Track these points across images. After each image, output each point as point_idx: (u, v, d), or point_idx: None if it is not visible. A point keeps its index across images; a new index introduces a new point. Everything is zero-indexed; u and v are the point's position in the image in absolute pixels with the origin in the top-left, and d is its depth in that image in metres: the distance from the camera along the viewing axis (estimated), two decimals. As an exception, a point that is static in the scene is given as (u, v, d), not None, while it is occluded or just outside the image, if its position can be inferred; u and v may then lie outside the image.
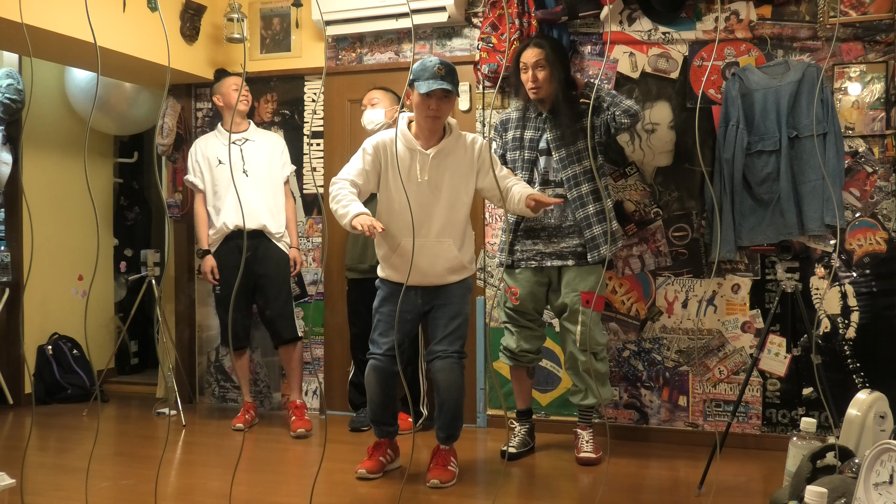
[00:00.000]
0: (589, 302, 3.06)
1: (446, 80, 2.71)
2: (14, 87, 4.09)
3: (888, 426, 2.27)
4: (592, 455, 3.14)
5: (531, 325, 3.24)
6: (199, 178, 3.83)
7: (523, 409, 3.38)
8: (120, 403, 4.46)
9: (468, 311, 2.97)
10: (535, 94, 3.08)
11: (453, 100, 2.81)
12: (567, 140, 3.08)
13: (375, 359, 2.91)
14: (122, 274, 5.08)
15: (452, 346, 2.87)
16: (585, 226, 3.06)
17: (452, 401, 2.89)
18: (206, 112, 4.34)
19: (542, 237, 3.13)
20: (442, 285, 2.91)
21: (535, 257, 3.14)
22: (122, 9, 3.49)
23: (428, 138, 2.83)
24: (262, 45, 4.17)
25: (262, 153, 3.78)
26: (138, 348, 5.22)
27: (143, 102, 4.59)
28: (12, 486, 2.62)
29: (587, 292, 3.06)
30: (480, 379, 3.78)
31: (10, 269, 4.24)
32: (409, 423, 3.54)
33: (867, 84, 3.21)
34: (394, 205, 2.85)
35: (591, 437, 3.20)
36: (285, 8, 4.11)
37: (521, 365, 3.28)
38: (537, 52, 3.05)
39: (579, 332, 3.07)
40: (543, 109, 3.14)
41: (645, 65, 3.50)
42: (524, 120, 3.19)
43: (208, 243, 3.82)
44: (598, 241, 3.05)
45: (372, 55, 3.98)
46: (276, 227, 3.76)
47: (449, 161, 2.84)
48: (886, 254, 3.22)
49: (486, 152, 2.87)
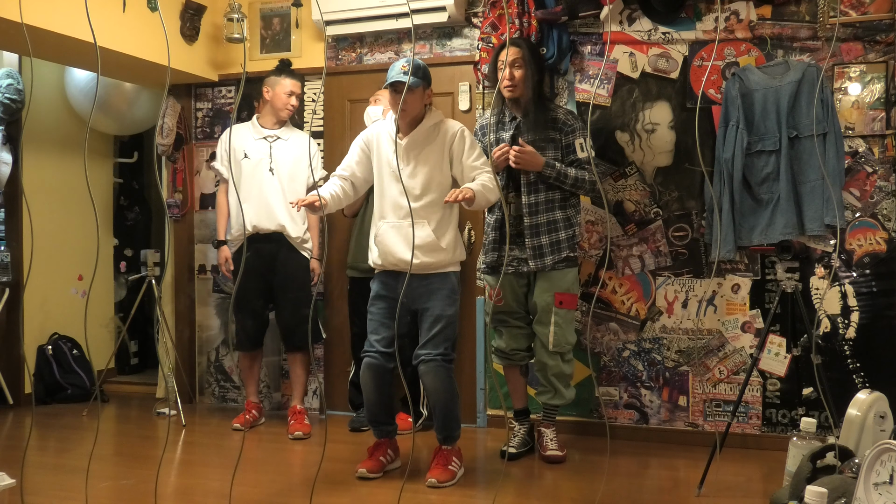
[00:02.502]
0: (562, 303, 3.13)
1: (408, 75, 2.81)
2: (14, 87, 4.09)
3: (888, 426, 2.27)
4: (558, 453, 3.19)
5: (518, 324, 3.26)
6: (226, 167, 3.77)
7: (520, 408, 3.39)
8: (120, 403, 4.46)
9: (453, 313, 2.94)
10: (510, 92, 3.11)
11: (416, 93, 2.88)
12: (536, 146, 3.10)
13: (369, 356, 2.92)
14: (122, 274, 5.08)
15: (437, 349, 2.87)
16: (535, 234, 3.11)
17: (442, 403, 2.90)
18: (206, 112, 4.34)
19: (517, 242, 3.18)
20: (424, 276, 2.90)
21: (511, 262, 3.20)
22: (122, 9, 3.49)
23: (405, 130, 2.94)
24: (262, 45, 4.17)
25: (290, 153, 3.71)
26: (138, 348, 5.22)
27: (143, 102, 4.59)
28: (12, 486, 2.62)
29: (560, 293, 3.12)
30: (480, 379, 3.78)
31: (10, 269, 4.24)
32: (409, 423, 3.54)
33: (867, 84, 3.21)
34: (377, 189, 3.01)
35: (554, 434, 3.25)
36: (285, 8, 4.11)
37: (514, 363, 3.31)
38: (515, 51, 3.10)
39: (552, 334, 3.12)
40: (517, 112, 3.18)
41: (645, 65, 3.50)
42: (500, 123, 3.24)
43: (227, 237, 3.76)
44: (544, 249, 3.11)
45: (372, 55, 3.98)
46: (296, 231, 3.69)
47: (423, 149, 2.93)
48: (886, 254, 3.22)
49: (457, 141, 2.92)
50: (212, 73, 4.21)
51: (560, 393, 3.21)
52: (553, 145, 3.14)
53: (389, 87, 2.89)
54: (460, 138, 2.92)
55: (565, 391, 3.22)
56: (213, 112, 4.32)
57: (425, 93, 2.93)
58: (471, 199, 2.71)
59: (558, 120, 3.15)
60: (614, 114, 3.55)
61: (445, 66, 3.81)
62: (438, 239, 2.90)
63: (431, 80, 2.97)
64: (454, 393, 2.92)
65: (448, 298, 2.92)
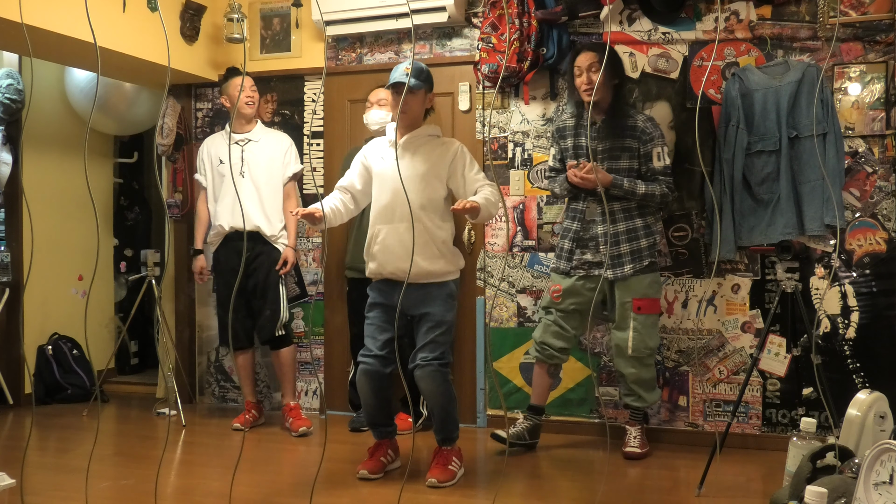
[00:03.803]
0: (641, 308, 3.13)
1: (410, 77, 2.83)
2: (14, 87, 4.09)
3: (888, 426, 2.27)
4: (638, 450, 3.21)
5: (563, 323, 3.25)
6: (203, 176, 3.86)
7: (533, 404, 3.39)
8: (120, 403, 4.46)
9: (451, 319, 2.94)
10: (588, 95, 3.12)
11: (418, 94, 2.89)
12: (613, 154, 3.16)
13: (364, 362, 2.92)
14: (122, 274, 5.08)
15: (433, 354, 2.87)
16: (614, 242, 3.16)
17: (439, 406, 2.91)
18: (206, 112, 4.34)
19: (591, 247, 3.21)
20: (422, 285, 2.89)
21: (582, 266, 3.22)
22: (122, 9, 3.49)
23: (402, 132, 2.95)
24: (262, 45, 4.17)
25: (263, 154, 3.77)
26: (138, 348, 5.22)
27: (143, 102, 4.59)
28: (12, 486, 2.62)
29: (638, 298, 3.14)
30: (480, 379, 3.78)
31: (10, 269, 4.25)
32: (409, 423, 3.54)
33: (867, 84, 3.21)
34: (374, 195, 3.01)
35: (638, 433, 3.26)
36: (285, 8, 4.11)
37: (542, 359, 3.30)
38: (591, 56, 3.12)
39: (631, 339, 3.13)
40: (597, 118, 3.20)
41: (645, 65, 3.50)
42: (578, 127, 3.26)
43: (203, 242, 3.86)
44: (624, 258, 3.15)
45: (372, 55, 3.98)
46: (272, 230, 3.75)
47: (418, 153, 2.93)
48: (886, 254, 3.22)
49: (458, 157, 2.92)
50: (212, 74, 4.21)
51: (642, 398, 3.22)
52: (628, 154, 3.15)
53: (391, 88, 2.90)
54: (461, 154, 2.93)
55: (647, 395, 3.23)
56: (213, 112, 4.32)
57: (427, 96, 2.94)
58: (476, 211, 2.72)
59: (637, 128, 3.15)
60: (614, 114, 3.54)
61: (445, 66, 3.81)
62: (436, 245, 2.89)
63: (433, 86, 2.98)
64: (451, 396, 2.92)
65: (446, 304, 2.92)
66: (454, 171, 2.91)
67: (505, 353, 3.70)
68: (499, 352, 3.72)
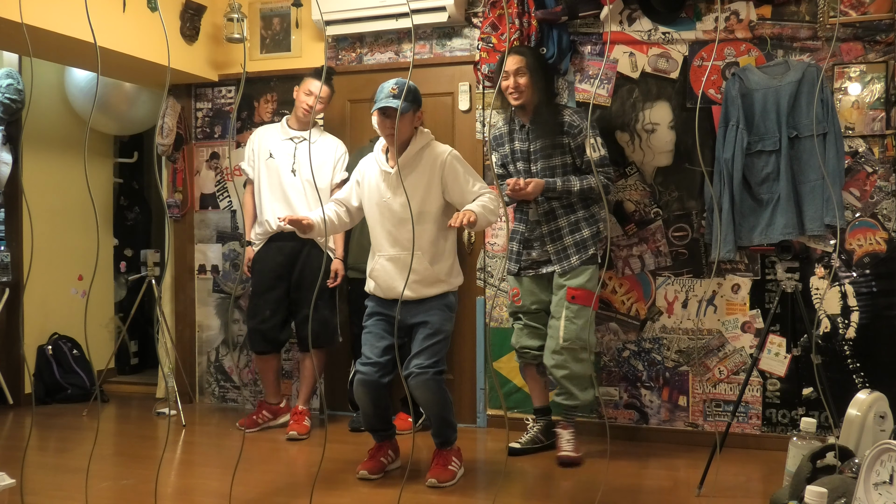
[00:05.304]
0: (575, 298, 3.10)
1: (397, 99, 2.77)
2: (14, 87, 4.09)
3: (888, 426, 2.27)
4: (573, 454, 3.13)
5: (533, 324, 3.26)
6: (252, 167, 3.78)
7: (538, 406, 3.38)
8: (120, 403, 4.46)
9: (448, 329, 2.92)
10: (515, 99, 3.13)
11: (406, 117, 2.85)
12: (545, 153, 3.15)
13: (362, 372, 2.90)
14: (122, 274, 5.08)
15: (427, 362, 2.85)
16: (557, 237, 3.16)
17: (435, 414, 2.91)
18: (206, 112, 4.34)
19: (536, 246, 3.22)
20: (421, 299, 2.89)
21: (531, 266, 3.23)
22: (122, 9, 3.49)
23: (393, 156, 2.90)
24: (262, 45, 4.17)
25: (315, 156, 3.68)
26: (138, 348, 5.22)
27: (143, 102, 4.59)
28: (12, 486, 2.61)
29: (573, 288, 3.11)
30: (480, 379, 3.78)
31: (10, 269, 4.25)
32: (409, 422, 3.54)
33: (867, 84, 3.21)
34: (371, 221, 2.98)
35: (571, 436, 3.19)
36: (285, 8, 4.10)
37: (526, 361, 3.30)
38: (517, 60, 3.11)
39: (562, 328, 3.08)
40: (525, 120, 3.19)
41: (645, 65, 3.50)
42: (511, 133, 3.26)
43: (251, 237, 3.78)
44: (569, 250, 3.15)
45: (372, 55, 3.98)
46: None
47: (411, 177, 2.87)
48: (886, 254, 3.22)
49: (449, 168, 2.87)
50: (212, 73, 4.21)
51: (574, 395, 3.13)
52: (560, 150, 3.15)
53: (378, 111, 2.85)
54: (451, 165, 2.87)
55: (579, 393, 3.13)
56: (213, 112, 4.32)
57: (415, 116, 2.90)
58: (474, 222, 2.71)
59: (565, 123, 3.15)
60: (614, 114, 3.55)
61: (445, 66, 3.81)
62: (437, 270, 2.88)
63: (422, 102, 2.94)
64: (447, 401, 2.91)
65: (444, 314, 2.91)
66: (448, 184, 2.87)
67: (505, 353, 3.69)
68: (499, 352, 3.72)
